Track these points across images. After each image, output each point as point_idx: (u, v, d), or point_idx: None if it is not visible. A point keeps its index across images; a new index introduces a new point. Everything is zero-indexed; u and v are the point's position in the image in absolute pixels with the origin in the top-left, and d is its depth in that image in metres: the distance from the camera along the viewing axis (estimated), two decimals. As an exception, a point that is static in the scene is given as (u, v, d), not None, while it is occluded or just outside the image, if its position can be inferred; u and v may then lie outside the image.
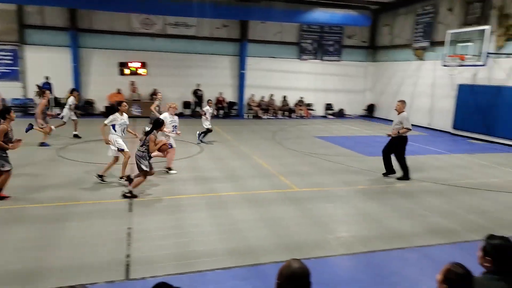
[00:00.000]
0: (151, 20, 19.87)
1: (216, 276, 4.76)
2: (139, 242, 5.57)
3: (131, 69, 19.82)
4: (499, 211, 7.41)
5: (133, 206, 7.01)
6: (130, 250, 5.31)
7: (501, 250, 2.71)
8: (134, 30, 19.80)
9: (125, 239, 5.63)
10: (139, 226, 6.13)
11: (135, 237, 5.71)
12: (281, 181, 9.00)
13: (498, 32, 15.22)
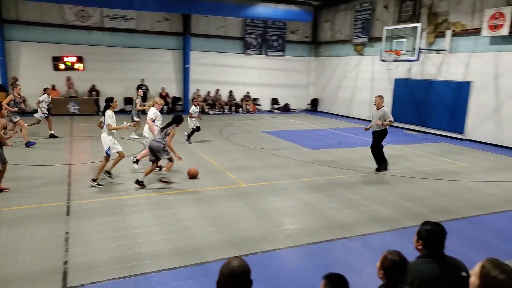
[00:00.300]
0: (86, 12, 18.82)
1: (161, 277, 4.62)
2: (78, 247, 5.27)
3: (67, 64, 18.72)
4: (433, 198, 7.90)
5: (70, 209, 6.62)
6: (67, 256, 5.01)
7: (432, 235, 2.86)
8: (68, 23, 18.64)
9: (62, 245, 5.29)
10: (77, 230, 5.80)
11: (73, 242, 5.39)
12: (228, 177, 8.96)
13: (428, 29, 16.22)
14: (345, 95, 21.66)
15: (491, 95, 13.87)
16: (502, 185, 8.98)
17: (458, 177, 9.53)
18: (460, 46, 15.09)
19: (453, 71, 15.33)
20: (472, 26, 14.50)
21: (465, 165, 10.87)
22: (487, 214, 7.04)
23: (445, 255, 2.85)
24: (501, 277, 1.95)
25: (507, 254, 5.37)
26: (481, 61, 14.22)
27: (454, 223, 6.55)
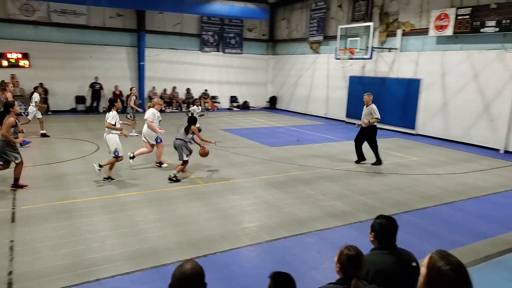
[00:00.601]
0: (31, 6, 17.78)
1: (116, 282, 4.45)
2: (24, 255, 4.95)
3: (10, 61, 17.62)
4: (387, 191, 8.19)
5: (15, 215, 6.22)
6: (13, 266, 4.69)
7: (384, 228, 2.96)
8: (11, 17, 17.52)
9: (6, 254, 4.96)
10: (23, 237, 5.46)
11: (19, 251, 5.07)
12: (187, 177, 8.80)
13: (380, 28, 16.80)
14: (303, 93, 21.99)
15: (439, 92, 14.60)
16: (449, 177, 9.47)
17: (410, 171, 9.95)
18: (410, 45, 15.75)
19: (404, 69, 15.98)
20: (420, 26, 15.17)
21: (416, 159, 11.36)
22: (435, 206, 7.39)
23: (396, 247, 2.95)
24: (445, 268, 2.02)
25: (453, 244, 5.67)
26: (429, 59, 14.93)
27: (407, 215, 6.81)
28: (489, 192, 8.34)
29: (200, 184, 8.27)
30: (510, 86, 12.37)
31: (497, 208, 7.36)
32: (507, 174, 9.96)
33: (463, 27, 13.29)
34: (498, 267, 5.07)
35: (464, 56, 13.68)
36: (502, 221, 6.69)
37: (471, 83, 13.50)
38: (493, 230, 6.24)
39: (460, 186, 8.69)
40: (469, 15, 13.09)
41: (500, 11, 12.25)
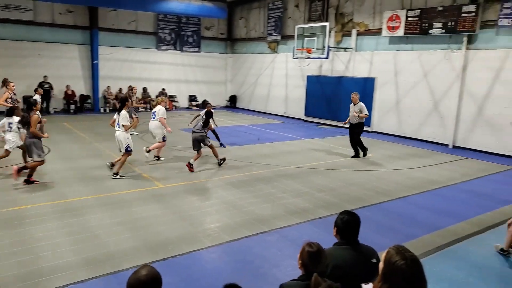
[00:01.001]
0: (-28, 0, 16.63)
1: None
2: (-34, 268, 4.60)
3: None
4: (345, 187, 8.39)
5: (-44, 225, 5.77)
6: (-47, 280, 4.34)
7: (345, 223, 3.01)
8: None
9: None
10: (-35, 249, 5.07)
11: (-40, 264, 4.70)
12: (144, 179, 8.56)
13: (336, 28, 17.20)
14: (262, 92, 22.10)
15: (392, 90, 15.17)
16: (403, 172, 9.86)
17: (366, 167, 10.25)
18: (364, 44, 16.24)
19: (359, 68, 16.46)
20: (374, 26, 15.69)
21: (372, 155, 11.73)
22: (391, 201, 7.66)
23: (358, 243, 3.01)
24: (400, 263, 2.08)
25: (408, 236, 5.90)
26: (382, 59, 15.47)
27: (364, 210, 7.00)
28: (440, 185, 8.76)
29: (158, 186, 8.08)
30: (456, 84, 13.07)
31: (447, 201, 7.74)
32: (455, 168, 10.52)
33: (413, 28, 13.88)
34: (447, 257, 5.33)
35: (415, 56, 14.31)
36: (452, 213, 7.05)
37: (422, 82, 14.14)
38: (443, 222, 6.55)
39: (414, 181, 9.07)
40: (418, 17, 13.69)
41: (446, 14, 12.91)
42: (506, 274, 4.96)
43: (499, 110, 12.13)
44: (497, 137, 12.23)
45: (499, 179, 9.59)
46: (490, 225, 6.47)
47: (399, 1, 14.66)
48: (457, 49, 13.01)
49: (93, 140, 12.59)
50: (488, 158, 11.75)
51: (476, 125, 12.77)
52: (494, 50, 12.17)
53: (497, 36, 12.10)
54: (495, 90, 12.22)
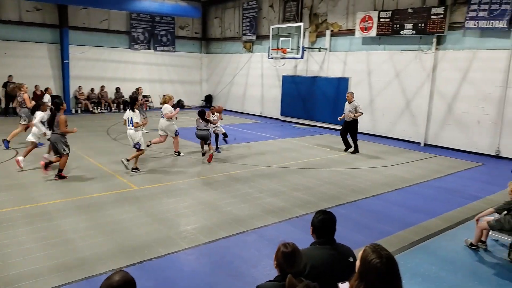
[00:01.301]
0: None
1: (41, 300, 4.09)
2: None
3: None
4: (321, 186, 8.48)
5: None
6: None
7: (321, 222, 3.03)
8: None
9: None
10: None
11: None
12: (119, 181, 8.39)
13: (310, 29, 17.37)
14: (238, 92, 22.06)
15: (366, 90, 15.45)
16: (377, 170, 10.06)
17: (342, 166, 10.40)
18: (338, 45, 16.47)
19: (333, 68, 16.67)
20: (347, 27, 15.94)
21: (346, 154, 11.91)
22: (365, 198, 7.80)
23: (335, 242, 3.03)
24: (375, 261, 2.11)
25: (382, 233, 6.02)
26: (356, 59, 15.73)
27: (339, 208, 7.10)
28: (412, 183, 8.99)
29: (133, 188, 7.93)
30: (427, 84, 13.45)
31: (419, 198, 7.95)
32: (427, 165, 10.82)
33: (385, 29, 14.19)
34: (420, 252, 5.47)
35: (387, 56, 14.62)
36: (424, 209, 7.24)
37: (394, 81, 14.47)
38: (416, 218, 6.72)
39: (387, 179, 9.27)
40: (390, 18, 14.01)
41: (416, 16, 13.26)
42: (476, 268, 5.14)
43: (467, 109, 12.56)
44: (466, 135, 12.66)
45: (468, 175, 9.92)
46: (460, 221, 6.68)
47: (372, 3, 14.95)
48: (427, 50, 13.39)
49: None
50: (458, 155, 12.14)
51: (446, 123, 13.18)
52: (461, 51, 12.59)
53: (464, 37, 12.52)
54: (463, 89, 12.64)
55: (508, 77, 11.61)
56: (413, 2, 13.63)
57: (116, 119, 17.42)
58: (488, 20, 11.61)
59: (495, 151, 12.00)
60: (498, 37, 11.72)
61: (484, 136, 12.23)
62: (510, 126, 11.66)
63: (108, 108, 20.39)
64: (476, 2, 11.78)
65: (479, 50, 12.20)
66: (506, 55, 11.59)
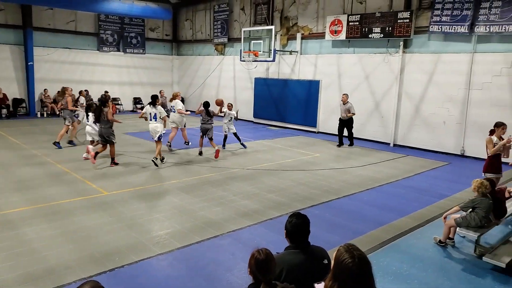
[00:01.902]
0: None
1: (5, 313, 3.89)
2: None
3: None
4: (294, 187, 8.53)
5: None
6: None
7: (294, 226, 3.01)
8: None
9: None
10: None
11: None
12: (88, 186, 8.13)
13: (281, 32, 17.50)
14: (210, 94, 21.87)
15: (336, 92, 15.69)
16: (349, 171, 10.22)
17: (314, 167, 10.51)
18: (309, 48, 16.67)
19: (304, 70, 16.86)
20: (318, 30, 16.17)
21: (319, 155, 12.05)
22: (338, 198, 7.90)
23: (309, 245, 3.02)
24: (348, 261, 2.12)
25: (355, 233, 6.11)
26: (326, 62, 15.97)
27: (312, 209, 7.16)
28: (383, 182, 9.19)
29: (103, 193, 7.71)
30: (395, 86, 13.81)
31: (390, 197, 8.13)
32: (396, 165, 11.10)
33: (354, 32, 14.48)
34: (392, 251, 5.59)
35: (357, 59, 14.93)
36: (394, 208, 7.41)
37: (364, 84, 14.78)
38: (387, 217, 6.87)
39: (359, 179, 9.44)
40: (358, 22, 14.31)
41: (384, 20, 13.61)
42: (444, 264, 5.30)
43: (434, 110, 12.99)
44: (433, 135, 13.09)
45: (436, 174, 10.25)
46: (429, 219, 6.88)
47: (341, 7, 15.23)
48: (394, 53, 13.76)
49: (30, 146, 11.78)
50: (426, 155, 12.53)
51: (414, 124, 13.58)
52: (427, 54, 13.02)
53: (429, 41, 12.96)
54: (429, 91, 13.07)
55: (470, 79, 12.09)
56: (381, 7, 13.99)
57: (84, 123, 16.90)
58: (451, 25, 12.07)
59: (460, 151, 12.46)
60: (460, 41, 12.20)
61: (450, 136, 12.69)
62: (473, 126, 12.14)
63: (75, 111, 19.74)
64: (439, 8, 12.22)
65: (443, 54, 12.65)
66: (468, 59, 12.07)
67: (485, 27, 11.44)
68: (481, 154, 11.86)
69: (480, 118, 11.91)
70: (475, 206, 5.48)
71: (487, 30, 11.40)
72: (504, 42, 11.39)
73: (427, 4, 12.88)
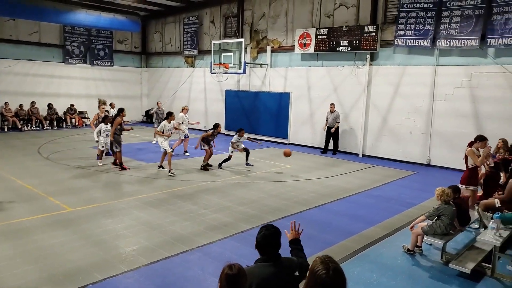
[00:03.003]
0: None
1: None
2: None
3: None
4: (265, 199, 8.48)
5: None
6: None
7: (264, 238, 2.96)
8: None
9: None
10: None
11: None
12: (50, 203, 7.78)
13: (251, 44, 17.63)
14: (181, 106, 21.43)
15: (306, 104, 15.90)
16: (319, 181, 10.29)
17: (285, 178, 10.52)
18: (279, 61, 16.86)
19: (275, 83, 17.00)
20: (287, 43, 16.39)
21: (290, 166, 12.08)
22: (309, 209, 7.91)
23: (280, 257, 2.97)
24: (321, 272, 2.09)
25: (326, 244, 6.11)
26: (296, 74, 16.18)
27: (283, 220, 7.11)
28: (352, 193, 9.29)
29: (67, 210, 7.38)
30: (363, 98, 14.13)
31: (360, 207, 8.22)
32: (366, 175, 11.27)
33: (322, 45, 14.77)
34: (362, 261, 5.61)
35: (325, 71, 15.20)
36: (364, 218, 7.49)
37: (332, 95, 15.03)
38: (357, 227, 6.92)
39: (329, 189, 9.50)
40: (326, 35, 14.62)
41: (351, 33, 13.97)
42: (413, 272, 5.36)
43: (400, 121, 13.35)
44: (400, 145, 13.42)
45: (404, 183, 10.48)
46: (398, 227, 6.99)
47: (309, 20, 15.53)
48: (362, 66, 14.11)
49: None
50: (394, 165, 12.81)
51: (382, 134, 13.89)
52: (392, 66, 13.44)
53: (395, 54, 13.38)
54: (395, 102, 13.44)
55: (434, 91, 12.54)
56: (348, 21, 14.36)
57: (48, 137, 16.34)
58: (414, 39, 12.52)
59: (426, 160, 12.83)
60: (424, 54, 12.66)
61: (416, 146, 13.05)
62: (438, 136, 12.55)
63: (40, 126, 19.07)
64: (403, 22, 12.67)
65: (408, 66, 13.09)
66: (431, 71, 12.54)
67: (446, 41, 11.94)
68: (446, 163, 12.32)
69: (444, 128, 12.35)
70: (440, 214, 5.60)
71: (448, 44, 11.90)
72: (463, 56, 11.91)
73: (392, 18, 13.34)
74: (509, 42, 10.72)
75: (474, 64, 11.75)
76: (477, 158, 7.06)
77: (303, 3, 15.69)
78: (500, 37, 10.91)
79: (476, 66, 11.71)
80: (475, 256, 5.36)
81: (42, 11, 17.17)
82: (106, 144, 11.21)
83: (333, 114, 14.14)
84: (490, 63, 11.47)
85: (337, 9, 14.72)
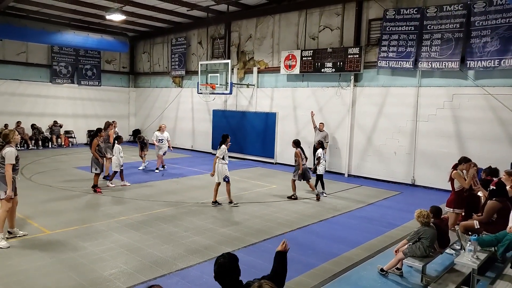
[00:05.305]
0: None
1: None
2: None
3: None
4: (248, 221, 8.41)
5: None
6: None
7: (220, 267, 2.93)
8: None
9: None
10: None
11: None
12: (29, 225, 7.62)
13: (238, 65, 17.82)
14: (168, 126, 21.46)
15: (292, 123, 16.00)
16: (304, 202, 10.26)
17: (270, 199, 10.48)
18: (265, 81, 17.03)
19: (261, 103, 17.13)
20: (273, 64, 16.60)
21: (275, 186, 12.06)
22: (292, 231, 7.86)
23: (241, 284, 2.92)
24: None
25: (307, 266, 6.05)
26: (282, 95, 16.34)
27: (266, 243, 7.05)
28: (336, 213, 9.27)
29: (44, 233, 7.23)
30: (348, 118, 14.28)
31: (343, 228, 8.19)
32: (350, 196, 11.28)
33: (307, 67, 14.98)
34: (342, 284, 5.56)
35: (310, 92, 15.38)
36: (346, 239, 7.45)
37: (318, 116, 15.11)
38: (339, 249, 6.88)
39: (313, 210, 9.48)
40: (311, 57, 14.85)
41: (335, 55, 14.22)
42: (393, 294, 5.32)
43: (385, 141, 13.48)
44: (385, 165, 13.51)
45: (387, 204, 10.50)
46: (380, 249, 6.96)
47: (294, 42, 15.79)
48: (346, 86, 14.31)
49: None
50: (379, 185, 12.86)
51: (367, 154, 13.99)
52: (376, 87, 13.65)
53: (378, 75, 13.62)
54: (380, 123, 13.60)
55: (417, 111, 12.74)
56: (332, 43, 14.63)
57: (33, 157, 16.12)
58: (397, 60, 12.78)
59: (411, 180, 12.91)
60: (407, 75, 12.91)
61: (401, 166, 13.15)
62: (422, 156, 12.68)
63: (25, 145, 18.83)
64: (386, 44, 12.95)
65: (391, 87, 13.31)
66: (414, 92, 12.76)
67: (427, 63, 12.20)
68: (430, 183, 12.40)
69: (428, 148, 12.49)
70: (421, 236, 5.60)
71: (430, 66, 12.17)
72: (445, 77, 12.17)
73: (375, 40, 13.62)
74: (487, 65, 11.02)
75: (455, 86, 12.00)
76: (464, 180, 7.10)
77: (288, 25, 15.98)
78: (479, 59, 11.20)
79: (457, 88, 11.96)
80: (454, 278, 5.34)
81: (30, 32, 17.24)
82: (121, 165, 11.44)
83: (322, 133, 13.97)
84: (470, 84, 11.73)
85: (321, 31, 15.01)
